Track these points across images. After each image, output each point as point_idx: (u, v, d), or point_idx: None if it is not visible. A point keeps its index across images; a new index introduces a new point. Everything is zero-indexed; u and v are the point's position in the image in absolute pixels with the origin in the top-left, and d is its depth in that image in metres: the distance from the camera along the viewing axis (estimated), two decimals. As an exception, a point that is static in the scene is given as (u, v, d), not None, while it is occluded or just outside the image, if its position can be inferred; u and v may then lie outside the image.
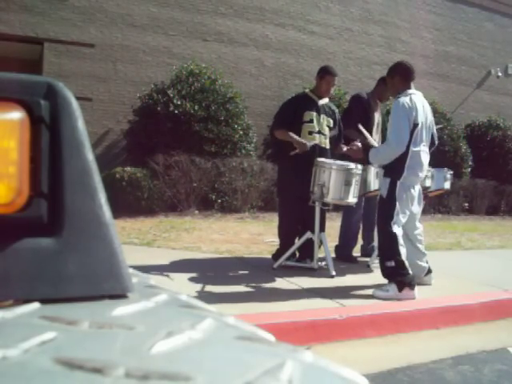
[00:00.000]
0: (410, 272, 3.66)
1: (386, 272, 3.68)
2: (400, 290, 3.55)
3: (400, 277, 3.58)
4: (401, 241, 3.66)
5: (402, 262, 3.61)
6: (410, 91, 3.81)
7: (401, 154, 3.66)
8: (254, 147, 9.62)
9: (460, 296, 3.71)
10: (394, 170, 3.70)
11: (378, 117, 5.11)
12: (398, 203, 3.67)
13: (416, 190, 3.84)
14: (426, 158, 3.84)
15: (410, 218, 3.82)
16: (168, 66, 9.85)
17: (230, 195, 8.60)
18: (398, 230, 3.67)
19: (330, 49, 12.11)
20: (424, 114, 3.81)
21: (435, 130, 4.14)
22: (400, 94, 3.79)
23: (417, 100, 3.76)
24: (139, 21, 10.18)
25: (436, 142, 4.19)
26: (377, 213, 3.79)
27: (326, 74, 4.57)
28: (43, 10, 9.39)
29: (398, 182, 3.69)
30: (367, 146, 4.53)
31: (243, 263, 4.67)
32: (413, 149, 3.69)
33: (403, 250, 3.66)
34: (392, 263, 3.60)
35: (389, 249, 3.65)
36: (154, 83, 9.21)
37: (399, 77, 3.85)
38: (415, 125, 3.68)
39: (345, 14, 12.39)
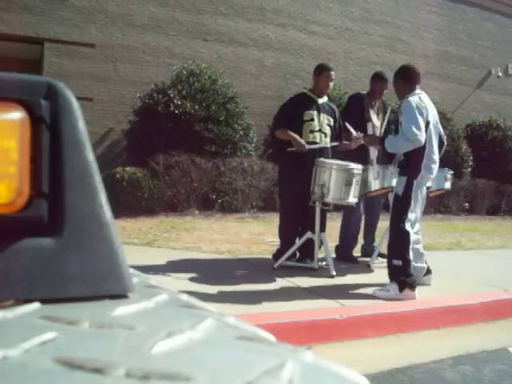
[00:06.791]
0: (413, 273, 3.69)
1: (391, 270, 3.68)
2: (401, 290, 3.56)
3: (403, 277, 3.59)
4: (411, 239, 3.69)
5: (409, 262, 3.64)
6: (417, 91, 3.86)
7: (418, 153, 3.69)
8: (255, 147, 9.62)
9: (460, 296, 3.71)
10: (412, 169, 3.74)
11: (375, 116, 5.08)
12: (412, 202, 3.71)
13: (425, 190, 3.88)
14: (437, 157, 3.90)
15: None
16: (168, 66, 9.85)
17: (230, 195, 8.59)
18: (410, 228, 3.69)
19: (330, 49, 12.11)
20: (432, 112, 3.87)
21: (442, 130, 4.16)
22: (408, 95, 3.83)
23: (425, 99, 3.83)
24: (139, 21, 10.18)
25: (445, 142, 4.21)
26: (391, 211, 3.80)
27: (323, 69, 4.61)
28: (43, 10, 9.39)
29: (415, 181, 3.72)
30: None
31: (243, 263, 4.67)
32: (428, 148, 3.74)
33: (411, 251, 3.68)
34: (399, 262, 3.62)
35: (399, 247, 3.66)
36: (155, 83, 9.22)
37: (402, 80, 3.90)
38: (427, 122, 3.74)
39: (345, 14, 12.39)
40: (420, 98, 3.79)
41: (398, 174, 3.89)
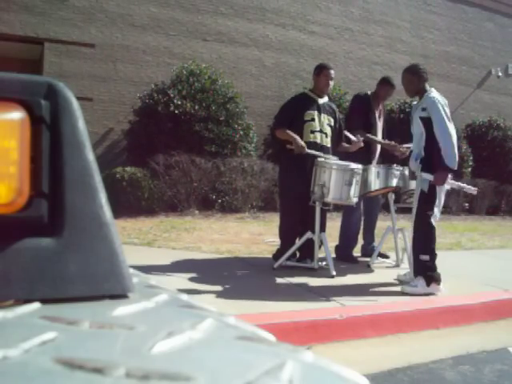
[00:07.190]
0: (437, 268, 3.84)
1: (418, 265, 3.78)
2: (428, 284, 3.68)
3: (430, 271, 3.72)
4: (435, 235, 3.83)
5: (435, 257, 3.77)
6: (432, 88, 3.98)
7: (440, 150, 3.76)
8: (255, 147, 9.62)
9: (460, 296, 3.71)
10: (435, 165, 3.78)
11: (378, 117, 5.10)
12: (437, 197, 3.81)
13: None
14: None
15: None
16: (168, 66, 9.85)
17: (230, 195, 8.60)
18: (435, 224, 3.82)
19: (330, 49, 12.11)
20: None
21: None
22: (427, 92, 3.92)
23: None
24: (139, 21, 10.18)
25: None
26: (416, 208, 3.84)
27: (322, 69, 4.63)
28: (43, 10, 9.40)
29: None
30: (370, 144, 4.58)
31: (243, 263, 4.67)
32: None
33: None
34: (427, 257, 3.73)
35: (426, 242, 3.77)
36: (155, 83, 9.22)
37: (425, 76, 4.00)
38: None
39: (345, 14, 12.39)
40: (439, 94, 3.92)
41: (420, 170, 3.89)
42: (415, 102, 4.20)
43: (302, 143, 4.34)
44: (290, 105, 4.64)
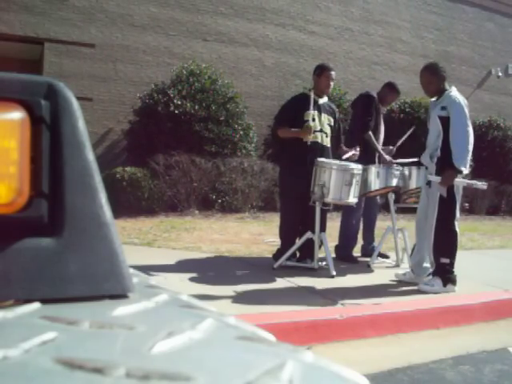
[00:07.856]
0: (417, 273, 4.00)
1: (438, 268, 3.83)
2: (445, 285, 3.77)
3: (448, 274, 3.80)
4: (457, 239, 3.89)
5: (455, 260, 3.83)
6: (453, 87, 4.00)
7: None
8: (255, 147, 9.62)
9: (460, 296, 3.72)
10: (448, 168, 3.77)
11: (381, 119, 5.14)
12: (457, 200, 3.85)
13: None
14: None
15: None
16: (168, 66, 9.85)
17: (230, 195, 8.59)
18: (457, 228, 3.86)
19: (330, 49, 12.11)
20: None
21: None
22: (448, 90, 3.94)
23: None
24: (139, 21, 10.18)
25: None
26: (437, 212, 3.82)
27: (323, 70, 4.63)
28: (43, 10, 9.39)
29: (456, 181, 3.81)
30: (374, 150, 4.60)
31: (243, 263, 4.67)
32: None
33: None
34: (447, 260, 3.79)
35: (448, 246, 3.82)
36: (155, 83, 9.22)
37: (444, 75, 4.04)
38: None
39: (345, 14, 12.39)
40: (459, 93, 3.92)
41: (435, 173, 3.86)
42: (433, 99, 4.13)
43: (305, 125, 4.33)
44: (290, 105, 4.65)
